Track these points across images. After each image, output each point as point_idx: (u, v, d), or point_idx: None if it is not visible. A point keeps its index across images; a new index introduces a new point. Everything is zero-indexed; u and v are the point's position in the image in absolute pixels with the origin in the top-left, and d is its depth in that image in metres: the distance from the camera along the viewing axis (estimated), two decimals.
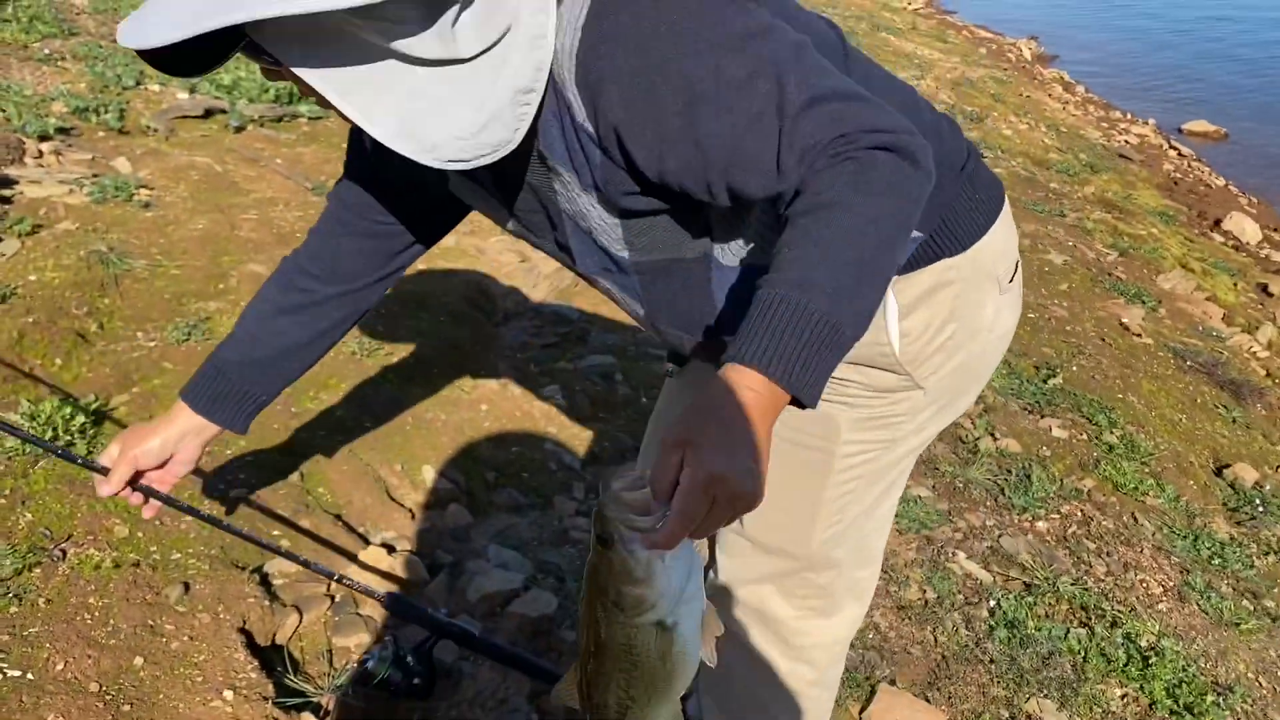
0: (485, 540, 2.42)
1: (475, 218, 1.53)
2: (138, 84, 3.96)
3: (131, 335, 2.64)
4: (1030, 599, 2.53)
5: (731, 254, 1.24)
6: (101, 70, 3.91)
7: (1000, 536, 2.79)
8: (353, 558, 2.17)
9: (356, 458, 2.47)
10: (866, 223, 0.98)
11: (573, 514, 2.58)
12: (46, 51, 3.98)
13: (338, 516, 2.29)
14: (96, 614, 1.81)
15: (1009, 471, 3.14)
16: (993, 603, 2.50)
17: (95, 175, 3.21)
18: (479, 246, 3.74)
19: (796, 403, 0.97)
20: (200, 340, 2.68)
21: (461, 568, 2.28)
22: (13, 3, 4.26)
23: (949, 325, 1.32)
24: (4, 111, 3.34)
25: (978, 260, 1.32)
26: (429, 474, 2.53)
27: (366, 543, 2.25)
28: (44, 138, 3.32)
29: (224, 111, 3.91)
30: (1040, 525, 2.90)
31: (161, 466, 1.51)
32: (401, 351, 2.92)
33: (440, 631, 1.81)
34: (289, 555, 1.81)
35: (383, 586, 2.07)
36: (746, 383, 0.94)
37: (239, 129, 3.84)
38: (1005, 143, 7.78)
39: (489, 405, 2.88)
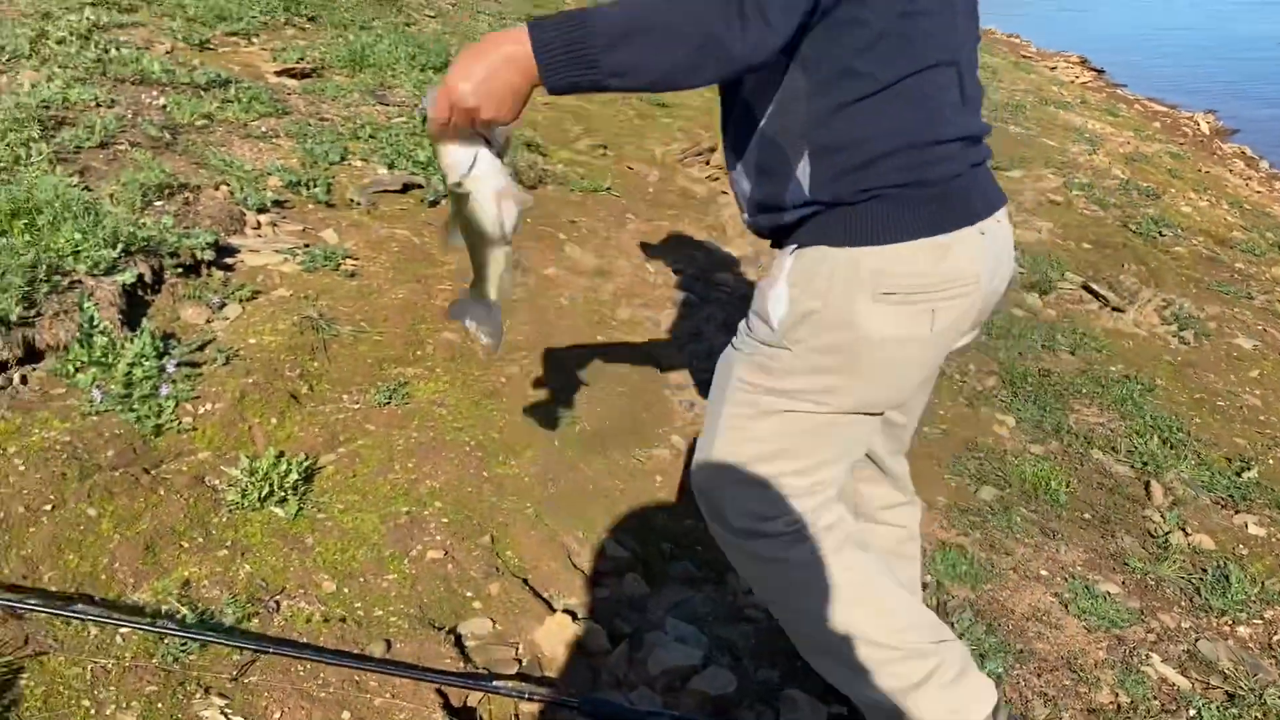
0: (662, 612, 2.45)
1: (636, 288, 1.60)
2: (343, 159, 4.26)
3: (338, 397, 2.81)
4: (1234, 710, 2.38)
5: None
6: (311, 147, 4.22)
7: (1198, 640, 2.64)
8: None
9: (542, 523, 2.56)
10: (675, 21, 1.31)
11: (747, 590, 2.59)
12: (263, 129, 4.33)
13: (525, 580, 2.37)
14: (308, 667, 1.92)
15: (1204, 570, 2.98)
16: (1192, 712, 2.37)
17: (306, 245, 3.46)
18: (654, 319, 3.83)
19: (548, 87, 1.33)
20: (400, 404, 2.84)
21: (640, 639, 2.32)
22: (235, 85, 4.65)
23: (816, 303, 1.57)
24: (228, 185, 3.64)
25: (854, 263, 1.55)
26: (608, 542, 2.59)
27: (551, 609, 2.32)
28: (261, 210, 3.60)
29: (420, 186, 4.15)
30: (1241, 630, 2.74)
31: None
32: (582, 421, 3.00)
33: None
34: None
35: (568, 658, 2.13)
36: (516, 37, 1.31)
37: (433, 203, 4.06)
38: (1184, 220, 7.46)
39: (664, 477, 2.93)
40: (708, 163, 5.64)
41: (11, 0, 4.90)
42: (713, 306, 4.13)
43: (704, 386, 3.32)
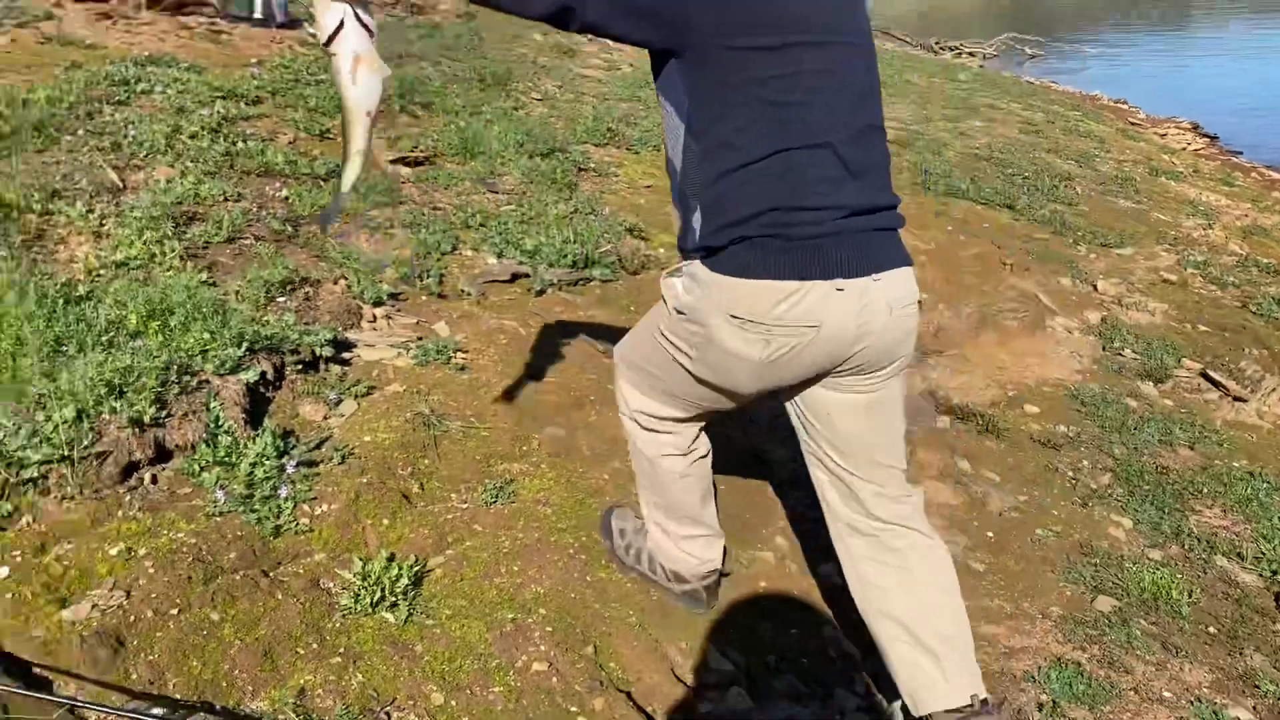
0: None
1: None
2: (454, 249, 4.39)
3: (447, 496, 2.87)
4: None
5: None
6: (424, 237, 4.37)
7: None
8: None
9: (645, 632, 2.55)
10: None
11: (854, 709, 2.53)
12: (379, 220, 4.49)
13: (628, 695, 2.36)
14: None
15: None
16: None
17: (419, 338, 3.56)
18: (756, 411, 3.82)
19: None
20: (506, 503, 2.88)
21: None
22: None
23: (692, 299, 2.01)
24: (346, 279, 3.78)
25: (717, 286, 1.94)
26: (711, 653, 2.57)
27: None
28: (377, 303, 3.73)
29: (527, 276, 4.24)
30: None
31: None
32: None
33: None
34: None
35: None
36: None
37: (540, 293, 4.15)
38: None
39: (768, 582, 2.90)
40: None
41: (150, 95, 5.21)
42: None
43: (808, 486, 3.30)
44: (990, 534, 3.39)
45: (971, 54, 19.14)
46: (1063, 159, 9.23)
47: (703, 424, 2.48)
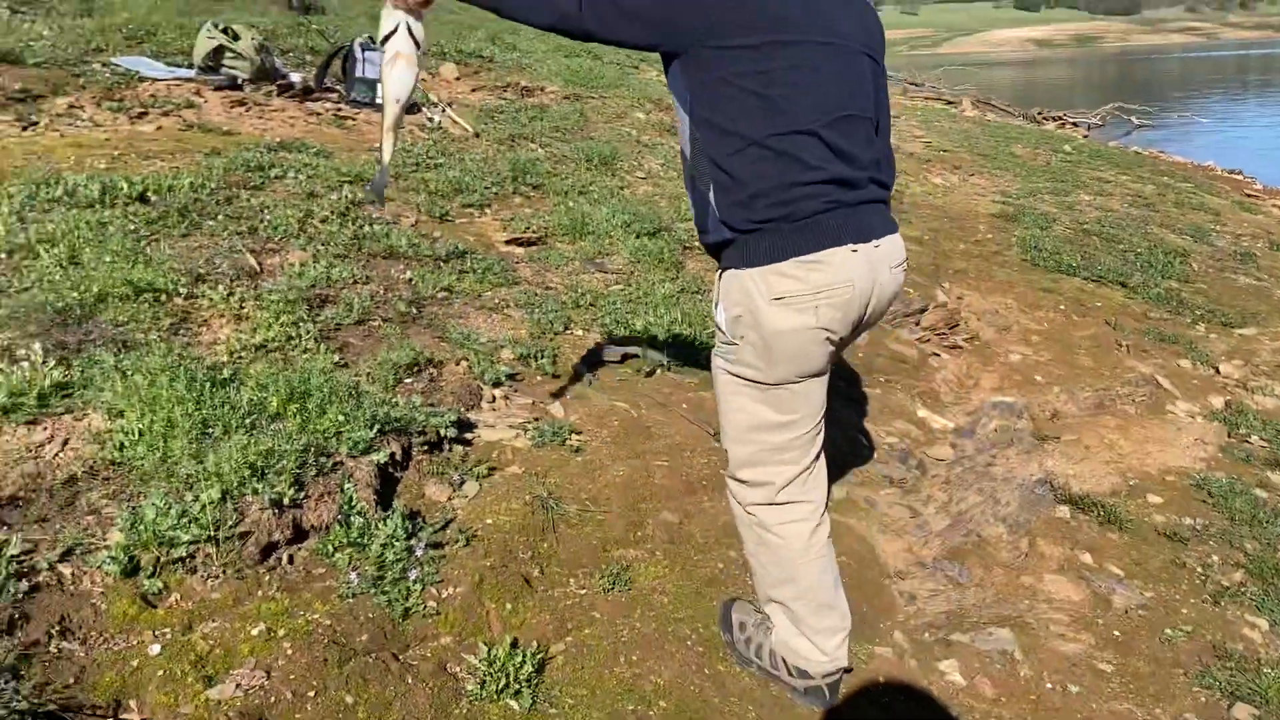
0: None
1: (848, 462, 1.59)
2: (566, 329, 4.49)
3: (565, 581, 2.92)
4: None
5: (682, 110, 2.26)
6: (538, 317, 4.49)
7: None
8: None
9: None
10: None
11: None
12: (495, 300, 4.64)
13: None
14: None
15: None
16: None
17: (536, 419, 3.65)
18: (869, 498, 3.80)
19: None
20: (623, 589, 2.91)
21: None
22: (470, 256, 5.02)
23: (739, 310, 2.28)
24: (467, 360, 3.91)
25: (752, 279, 2.22)
26: None
27: None
28: (496, 384, 3.84)
29: (636, 356, 4.32)
30: None
31: None
32: None
33: None
34: None
35: None
36: None
37: (649, 374, 4.22)
38: None
39: (885, 678, 2.86)
40: (918, 324, 5.62)
41: (283, 180, 5.50)
42: (931, 485, 4.06)
43: (923, 576, 3.25)
44: (1117, 633, 3.28)
45: (1075, 124, 18.90)
46: (1176, 233, 9.01)
47: (822, 488, 2.62)
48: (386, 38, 2.28)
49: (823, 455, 2.59)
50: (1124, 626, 3.32)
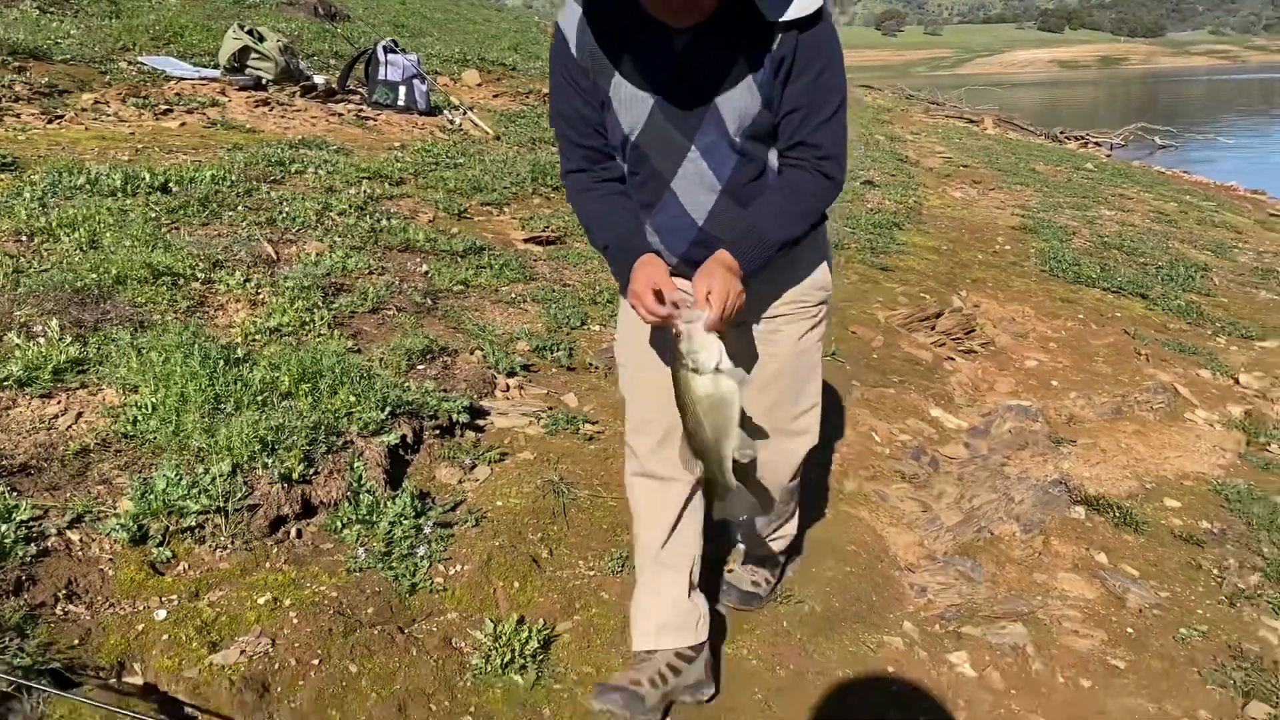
0: None
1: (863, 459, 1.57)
2: (583, 324, 4.49)
3: (575, 563, 2.91)
4: None
5: (773, 160, 2.19)
6: (554, 312, 4.49)
7: None
8: None
9: (770, 711, 2.52)
10: (801, 212, 2.14)
11: None
12: (512, 295, 4.65)
13: None
14: None
15: None
16: None
17: (550, 409, 3.65)
18: (881, 492, 3.77)
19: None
20: (631, 572, 2.89)
21: None
22: (488, 252, 5.04)
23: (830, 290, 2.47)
24: (482, 350, 3.91)
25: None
26: None
27: None
28: (510, 374, 3.84)
29: None
30: None
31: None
32: (811, 601, 2.97)
33: None
34: None
35: None
36: (729, 262, 2.04)
37: None
38: None
39: (895, 667, 2.83)
40: (933, 328, 5.59)
41: (303, 175, 5.54)
42: (943, 481, 4.03)
43: (934, 569, 3.22)
44: (1130, 630, 3.24)
45: (1098, 144, 18.83)
46: (1197, 249, 8.95)
47: None
48: (717, 364, 2.02)
49: None
50: (1138, 625, 3.28)
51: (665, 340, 2.13)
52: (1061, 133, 19.11)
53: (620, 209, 2.19)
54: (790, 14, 1.95)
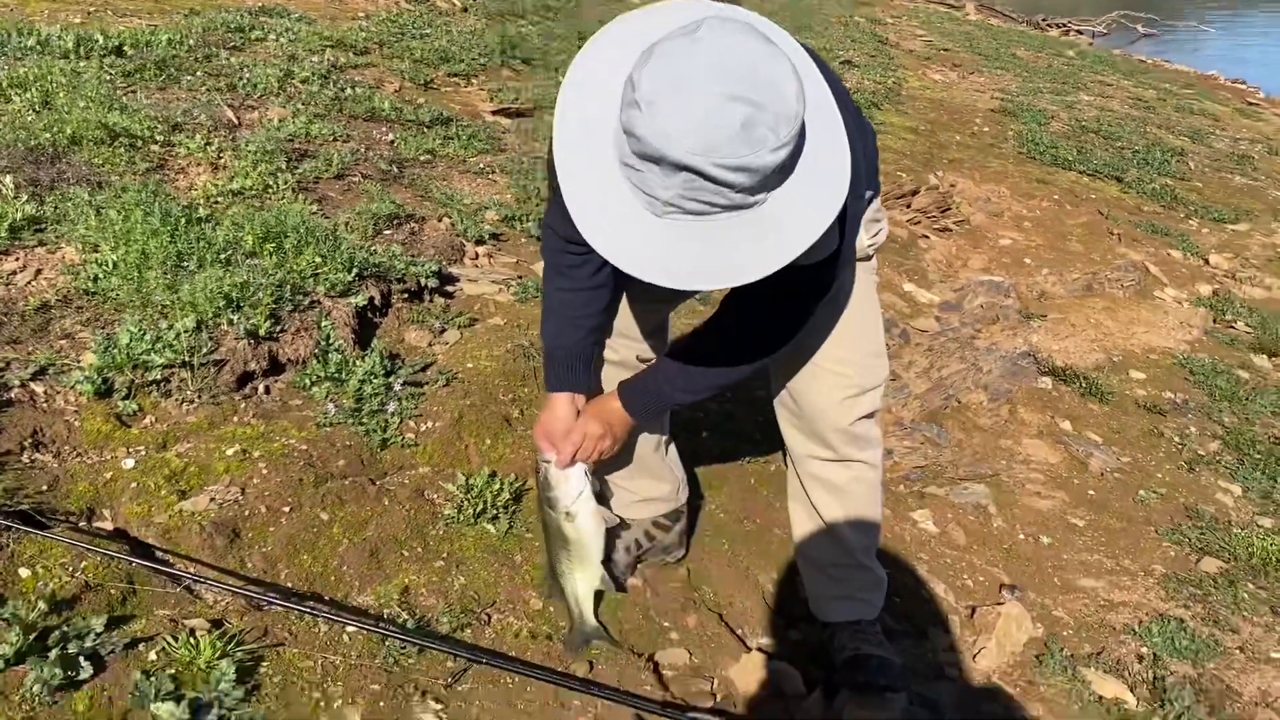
0: None
1: None
2: None
3: None
4: None
5: None
6: (524, 184, 4.42)
7: None
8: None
9: (738, 561, 2.57)
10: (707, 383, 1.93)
11: (947, 649, 2.51)
12: (481, 165, 4.56)
13: (720, 616, 2.38)
14: (516, 680, 1.99)
15: None
16: None
17: (519, 277, 3.61)
18: None
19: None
20: None
21: (835, 688, 2.28)
22: (455, 123, 4.92)
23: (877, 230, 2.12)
24: (450, 218, 3.85)
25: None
26: (802, 586, 2.56)
27: (746, 646, 2.32)
28: (479, 242, 3.79)
29: None
30: None
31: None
32: (777, 461, 3.00)
33: None
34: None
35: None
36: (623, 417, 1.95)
37: None
38: None
39: None
40: (909, 205, 5.55)
41: (263, 42, 5.35)
42: (913, 352, 4.05)
43: (901, 435, 3.25)
44: (1092, 493, 3.31)
45: (1080, 31, 18.53)
46: (1175, 135, 8.90)
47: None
48: (572, 503, 1.97)
49: None
50: (1099, 487, 3.35)
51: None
52: (1044, 20, 18.75)
53: (581, 320, 1.98)
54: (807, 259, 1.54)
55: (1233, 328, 4.94)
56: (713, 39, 1.31)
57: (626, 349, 2.22)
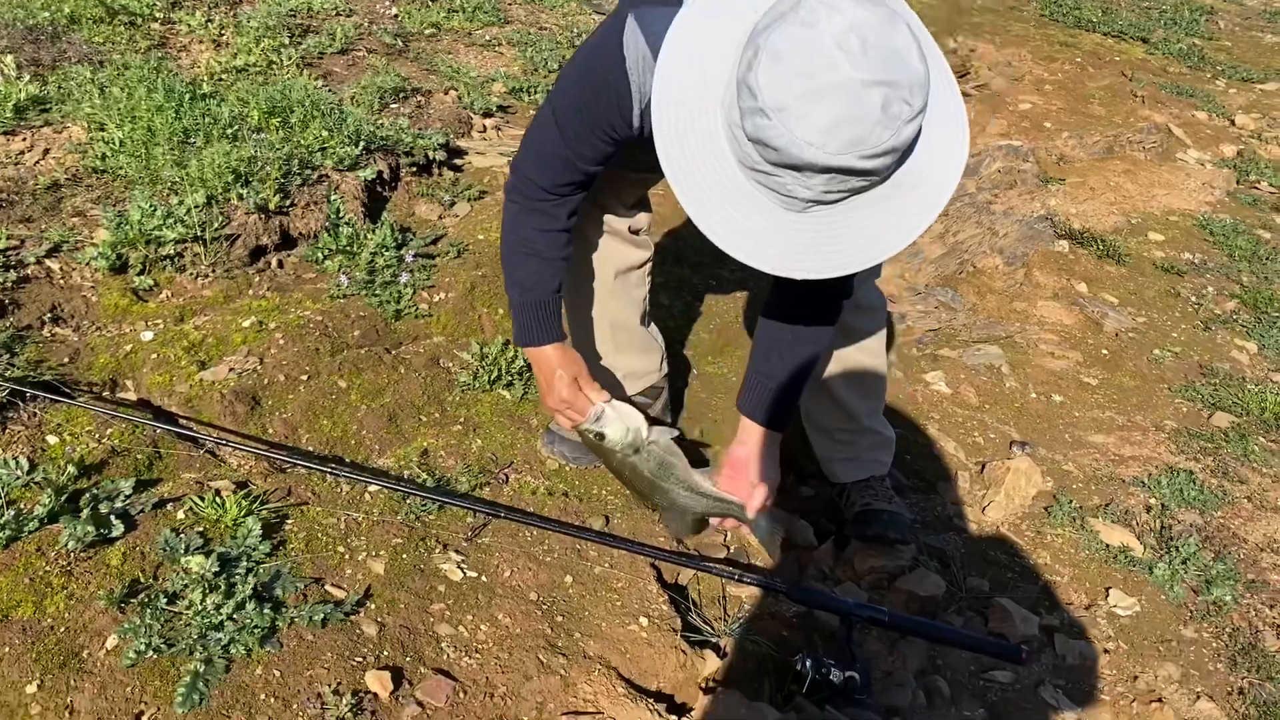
0: None
1: None
2: (560, 67, 4.34)
3: None
4: None
5: None
6: (531, 55, 4.33)
7: None
8: None
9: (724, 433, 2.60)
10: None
11: (955, 502, 2.56)
12: (487, 38, 4.47)
13: None
14: (534, 533, 2.05)
15: None
16: None
17: None
18: None
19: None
20: None
21: (846, 539, 2.34)
22: None
23: None
24: (456, 90, 3.79)
25: None
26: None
27: None
28: (487, 114, 3.74)
29: None
30: None
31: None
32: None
33: (851, 616, 1.87)
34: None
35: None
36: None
37: None
38: None
39: None
40: None
41: None
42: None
43: (915, 301, 3.24)
44: (1105, 352, 3.32)
45: None
46: None
47: None
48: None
49: None
50: (1113, 347, 3.35)
51: None
52: None
53: (558, 261, 1.90)
54: None
55: (1256, 188, 4.85)
56: (824, 20, 1.15)
57: (618, 222, 2.18)
